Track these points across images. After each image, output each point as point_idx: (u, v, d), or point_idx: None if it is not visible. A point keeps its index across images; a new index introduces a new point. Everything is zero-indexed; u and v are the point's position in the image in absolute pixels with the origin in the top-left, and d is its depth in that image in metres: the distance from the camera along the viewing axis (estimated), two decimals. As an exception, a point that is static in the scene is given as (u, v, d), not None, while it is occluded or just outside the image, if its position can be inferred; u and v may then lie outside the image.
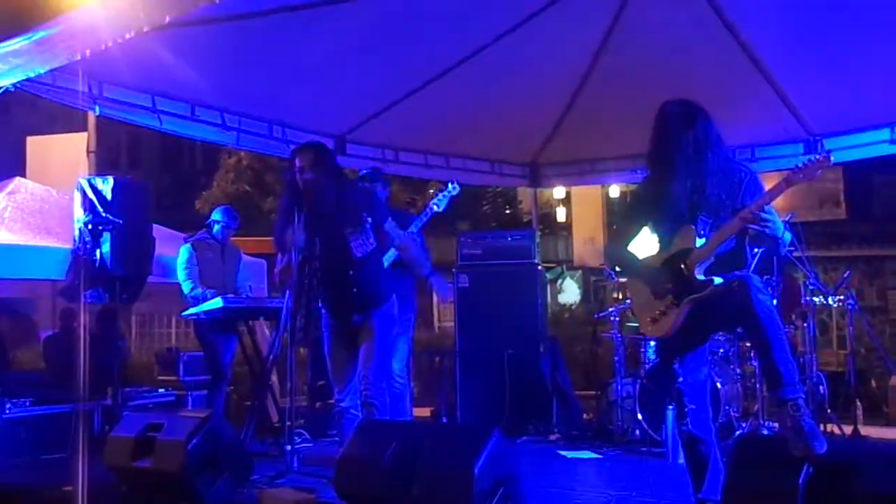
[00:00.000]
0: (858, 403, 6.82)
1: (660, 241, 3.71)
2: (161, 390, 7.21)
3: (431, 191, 5.23)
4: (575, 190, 13.65)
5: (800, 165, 3.39)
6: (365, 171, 5.60)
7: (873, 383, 8.60)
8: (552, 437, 6.50)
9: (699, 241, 3.52)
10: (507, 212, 18.07)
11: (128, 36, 3.84)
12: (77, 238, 5.35)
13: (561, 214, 15.69)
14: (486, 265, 6.98)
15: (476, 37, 5.72)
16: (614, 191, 13.84)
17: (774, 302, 6.10)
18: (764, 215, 3.37)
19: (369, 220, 4.40)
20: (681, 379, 3.67)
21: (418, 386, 9.69)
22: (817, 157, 3.39)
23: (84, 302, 5.22)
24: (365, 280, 4.44)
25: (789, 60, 5.82)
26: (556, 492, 3.99)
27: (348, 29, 5.22)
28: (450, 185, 5.39)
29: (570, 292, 16.88)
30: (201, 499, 4.18)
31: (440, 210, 5.24)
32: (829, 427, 6.28)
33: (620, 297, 6.79)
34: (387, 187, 5.58)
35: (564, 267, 16.55)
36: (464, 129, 6.87)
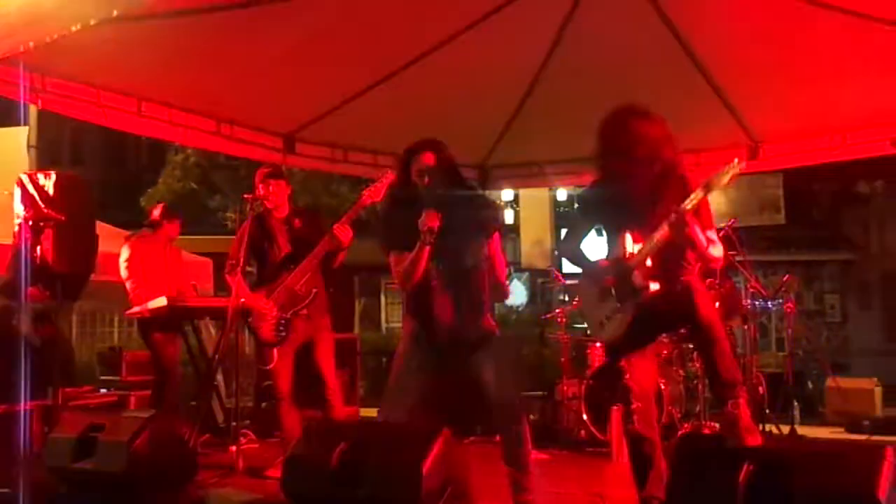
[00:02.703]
0: (796, 404, 7.01)
1: (607, 245, 3.78)
2: (103, 390, 7.08)
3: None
4: (523, 192, 13.76)
5: (714, 174, 3.46)
6: (269, 168, 5.45)
7: (810, 385, 8.85)
8: (498, 438, 6.53)
9: (637, 247, 3.58)
10: (456, 213, 18.13)
11: (74, 28, 3.78)
12: (17, 234, 5.23)
13: (509, 217, 15.79)
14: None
15: (426, 38, 5.73)
16: (562, 194, 13.96)
17: (717, 305, 6.25)
18: (675, 221, 3.40)
19: None
20: (628, 377, 3.74)
21: (365, 386, 9.68)
22: (730, 165, 3.45)
23: (25, 301, 5.11)
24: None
25: (733, 67, 5.94)
26: (503, 491, 4.02)
27: (297, 26, 5.19)
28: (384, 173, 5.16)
29: (517, 294, 17.00)
30: (145, 500, 4.13)
31: (376, 200, 5.06)
32: (768, 427, 6.44)
33: (567, 298, 6.87)
34: (288, 184, 5.45)
35: (512, 269, 16.67)
36: (413, 129, 6.80)
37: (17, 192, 5.24)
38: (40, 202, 5.16)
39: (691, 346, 6.47)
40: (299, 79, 5.90)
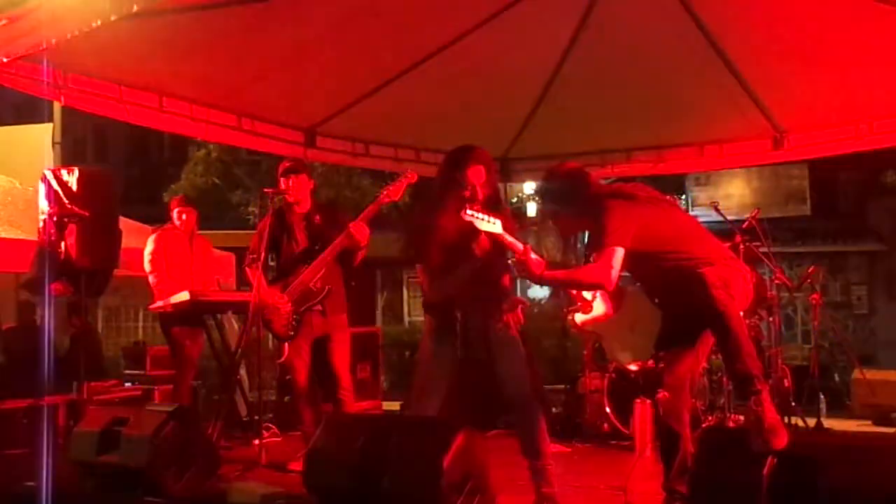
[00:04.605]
0: (822, 397, 6.93)
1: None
2: (128, 384, 7.14)
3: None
4: (545, 185, 13.64)
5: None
6: (290, 163, 5.47)
7: (836, 377, 8.76)
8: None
9: None
10: (478, 206, 18.09)
11: (94, 25, 3.79)
12: (41, 230, 5.28)
13: (531, 209, 15.72)
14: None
15: (447, 30, 5.71)
16: (584, 186, 13.79)
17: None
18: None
19: None
20: (662, 365, 3.72)
21: (388, 379, 9.71)
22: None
23: (49, 295, 5.15)
24: None
25: (757, 56, 5.87)
26: (524, 485, 4.01)
27: (318, 20, 5.19)
28: (402, 171, 5.19)
29: (539, 287, 16.94)
30: (168, 493, 4.15)
31: (394, 198, 5.10)
32: (794, 420, 6.37)
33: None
34: (310, 179, 5.47)
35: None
36: (434, 122, 6.86)
37: (42, 188, 5.29)
38: (64, 198, 5.20)
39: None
40: (320, 73, 5.90)
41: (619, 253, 3.55)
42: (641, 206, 3.76)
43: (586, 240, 3.87)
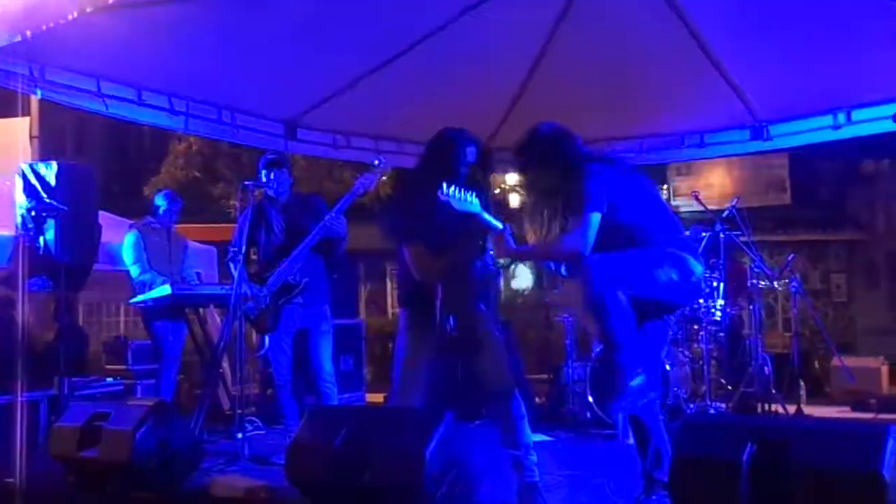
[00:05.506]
0: (802, 384, 6.99)
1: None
2: (109, 379, 7.09)
3: (385, 178, 5.11)
4: (527, 176, 13.64)
5: None
6: (272, 156, 5.47)
7: (816, 364, 8.83)
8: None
9: None
10: (460, 197, 18.09)
11: (70, 16, 3.76)
12: (19, 225, 5.23)
13: (514, 200, 15.74)
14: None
15: (427, 20, 5.70)
16: (566, 177, 13.80)
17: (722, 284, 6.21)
18: None
19: None
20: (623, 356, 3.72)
21: (371, 371, 9.70)
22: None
23: (26, 291, 5.11)
24: None
25: (737, 46, 5.90)
26: (506, 475, 4.02)
27: (298, 11, 5.16)
28: (375, 161, 5.13)
29: (522, 278, 16.96)
30: (150, 487, 4.14)
31: (369, 188, 5.09)
32: (774, 407, 6.43)
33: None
34: (291, 174, 5.49)
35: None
36: (415, 114, 6.83)
37: (19, 182, 5.24)
38: (42, 192, 5.16)
39: (696, 327, 6.48)
40: (299, 64, 5.87)
41: (597, 218, 3.51)
42: (621, 173, 3.71)
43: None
